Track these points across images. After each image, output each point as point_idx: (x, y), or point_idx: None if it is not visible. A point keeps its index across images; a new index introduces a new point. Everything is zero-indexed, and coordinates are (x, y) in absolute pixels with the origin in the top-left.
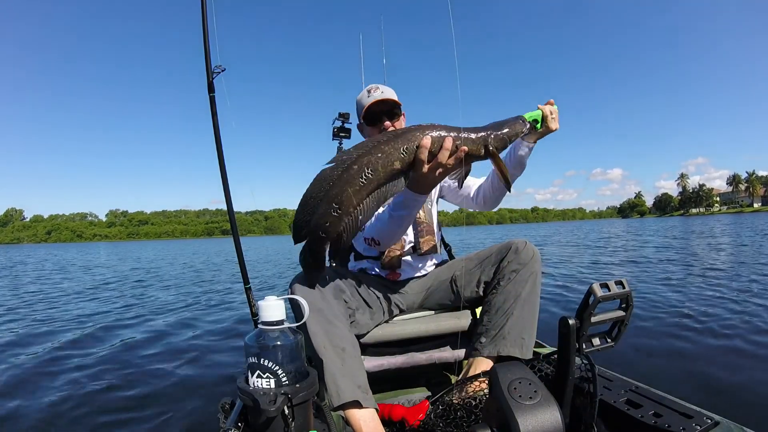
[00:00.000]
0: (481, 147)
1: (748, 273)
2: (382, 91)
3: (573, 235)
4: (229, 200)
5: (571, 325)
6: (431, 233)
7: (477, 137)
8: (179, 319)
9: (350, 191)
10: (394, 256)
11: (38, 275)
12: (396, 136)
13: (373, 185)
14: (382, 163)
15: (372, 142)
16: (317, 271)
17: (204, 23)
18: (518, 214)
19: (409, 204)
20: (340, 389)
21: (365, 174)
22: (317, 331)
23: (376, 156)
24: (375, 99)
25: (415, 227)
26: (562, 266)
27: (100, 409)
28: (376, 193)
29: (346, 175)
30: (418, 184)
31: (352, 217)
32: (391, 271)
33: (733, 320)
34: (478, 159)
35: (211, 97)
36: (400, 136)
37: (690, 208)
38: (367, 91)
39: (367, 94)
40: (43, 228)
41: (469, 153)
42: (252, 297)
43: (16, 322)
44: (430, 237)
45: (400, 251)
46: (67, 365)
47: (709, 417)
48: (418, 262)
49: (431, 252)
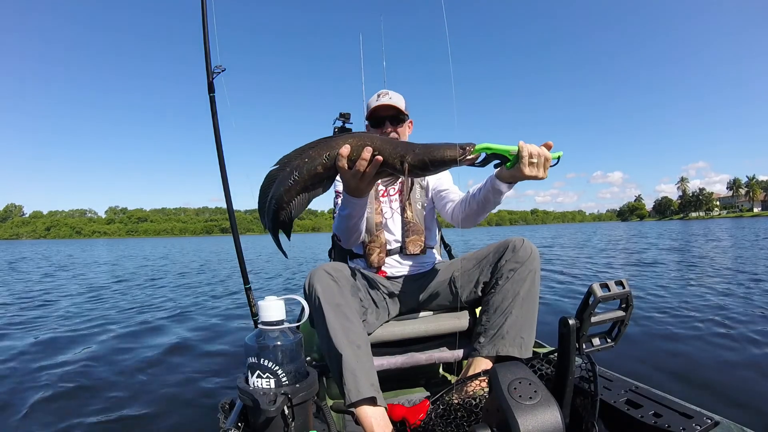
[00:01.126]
0: (398, 161)
1: (748, 274)
2: (391, 96)
3: (572, 238)
4: (229, 200)
5: (571, 325)
6: (418, 233)
7: (395, 151)
8: (179, 318)
9: (282, 190)
10: (375, 254)
11: (38, 273)
12: (322, 142)
13: (300, 186)
14: (307, 167)
15: (303, 148)
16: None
17: (204, 23)
18: (518, 215)
19: (347, 204)
20: (359, 385)
21: (293, 176)
22: (336, 327)
23: (303, 160)
24: (381, 103)
25: (403, 227)
26: (562, 266)
27: (99, 409)
28: (304, 193)
29: (281, 176)
30: (347, 188)
31: (286, 211)
32: (375, 269)
33: (733, 320)
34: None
35: (211, 97)
36: (325, 143)
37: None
38: (377, 95)
39: (377, 98)
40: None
41: (390, 164)
42: (252, 297)
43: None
44: (417, 237)
45: (380, 249)
46: (65, 365)
47: (709, 417)
48: (407, 262)
49: (419, 253)
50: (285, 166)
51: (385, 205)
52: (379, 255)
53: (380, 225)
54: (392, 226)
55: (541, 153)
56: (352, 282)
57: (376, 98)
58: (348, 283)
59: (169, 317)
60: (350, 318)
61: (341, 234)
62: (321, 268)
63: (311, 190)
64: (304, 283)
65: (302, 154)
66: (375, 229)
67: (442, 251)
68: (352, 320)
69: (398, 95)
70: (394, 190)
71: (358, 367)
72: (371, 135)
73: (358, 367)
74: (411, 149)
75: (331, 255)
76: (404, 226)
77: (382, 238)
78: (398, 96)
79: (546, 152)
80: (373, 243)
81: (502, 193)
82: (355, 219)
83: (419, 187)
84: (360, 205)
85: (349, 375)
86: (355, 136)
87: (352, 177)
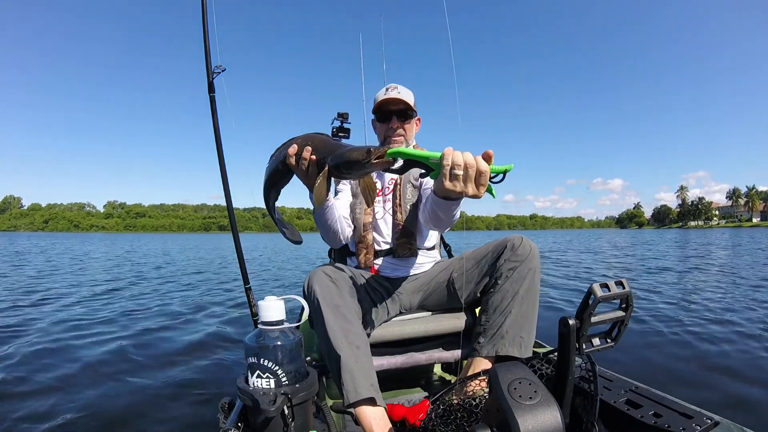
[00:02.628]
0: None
1: (748, 277)
2: (399, 91)
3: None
4: (229, 200)
5: (571, 325)
6: (408, 236)
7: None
8: (178, 318)
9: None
10: (362, 255)
11: (37, 269)
12: (289, 141)
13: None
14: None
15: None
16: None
17: (204, 23)
18: (516, 220)
19: (312, 200)
20: (358, 385)
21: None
22: (335, 328)
23: (276, 156)
24: (389, 96)
25: (393, 228)
26: (561, 266)
27: (98, 409)
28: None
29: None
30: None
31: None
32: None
33: (733, 321)
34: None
35: (211, 97)
36: (290, 142)
37: (688, 220)
38: (386, 89)
39: (385, 91)
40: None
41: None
42: (252, 297)
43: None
44: (406, 240)
45: (367, 250)
46: (66, 365)
47: (709, 417)
48: (399, 262)
49: (410, 254)
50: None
51: (378, 204)
52: (366, 255)
53: (368, 225)
54: (383, 227)
55: (469, 164)
56: (351, 283)
57: (384, 92)
58: (347, 284)
59: (169, 317)
60: (349, 319)
61: (321, 231)
62: (320, 269)
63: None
64: (303, 284)
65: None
66: (363, 229)
67: (441, 251)
68: (351, 321)
69: (407, 90)
70: (388, 190)
71: (357, 367)
72: (316, 135)
73: (357, 367)
74: (333, 151)
75: (331, 254)
76: (395, 228)
77: (369, 239)
78: (407, 91)
79: (481, 164)
80: (360, 243)
81: (446, 207)
82: (323, 217)
83: (411, 187)
84: (321, 207)
85: (348, 375)
86: (302, 136)
87: (301, 175)
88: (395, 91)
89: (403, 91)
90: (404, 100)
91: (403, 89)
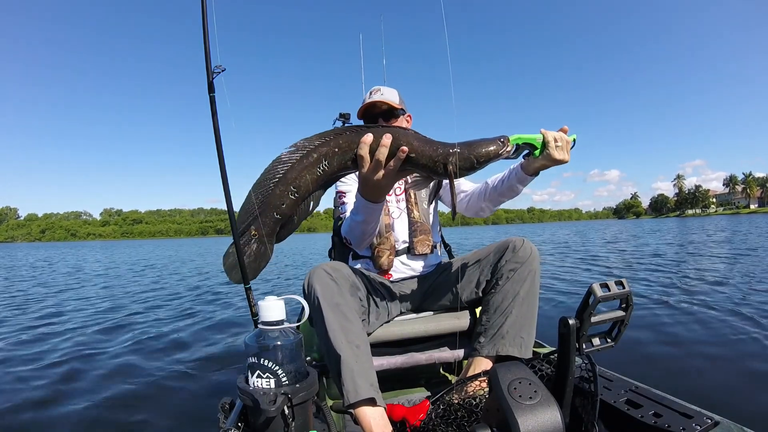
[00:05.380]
0: (439, 164)
1: (748, 274)
2: (382, 93)
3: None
4: (230, 201)
5: (571, 325)
6: (426, 233)
7: (435, 151)
8: (178, 318)
9: (308, 178)
10: (385, 257)
11: (34, 275)
12: (353, 132)
13: (327, 176)
14: (338, 159)
15: (327, 134)
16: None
17: (204, 23)
18: (514, 214)
19: (361, 210)
20: (358, 386)
21: (322, 164)
22: (335, 326)
23: (333, 150)
24: (372, 100)
25: (410, 227)
26: (561, 266)
27: (99, 408)
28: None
29: (306, 161)
30: (364, 187)
31: (306, 202)
32: (383, 272)
33: (733, 320)
34: (435, 174)
35: (211, 97)
36: (356, 134)
37: (686, 209)
38: (370, 93)
39: (369, 95)
40: (37, 227)
41: (424, 165)
42: (252, 297)
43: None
44: (425, 237)
45: (390, 251)
46: (65, 365)
47: (709, 417)
48: (414, 263)
49: (426, 253)
50: (306, 151)
51: (392, 204)
52: (389, 257)
53: (389, 226)
54: (399, 227)
55: (560, 137)
56: (351, 281)
57: (368, 96)
58: (347, 282)
59: (169, 317)
60: (349, 318)
61: (354, 239)
62: (320, 267)
63: (331, 184)
64: (303, 282)
65: (329, 142)
66: (385, 230)
67: (442, 251)
68: (351, 320)
69: (391, 90)
70: (400, 190)
71: (357, 367)
72: (406, 132)
73: (357, 367)
74: (449, 149)
75: (330, 255)
76: (411, 226)
77: (392, 240)
78: (390, 91)
79: (565, 136)
80: (382, 245)
81: (526, 183)
82: (371, 224)
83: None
84: (377, 210)
85: (348, 375)
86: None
87: (371, 171)
88: (378, 93)
89: (386, 92)
90: (387, 101)
91: (387, 90)
